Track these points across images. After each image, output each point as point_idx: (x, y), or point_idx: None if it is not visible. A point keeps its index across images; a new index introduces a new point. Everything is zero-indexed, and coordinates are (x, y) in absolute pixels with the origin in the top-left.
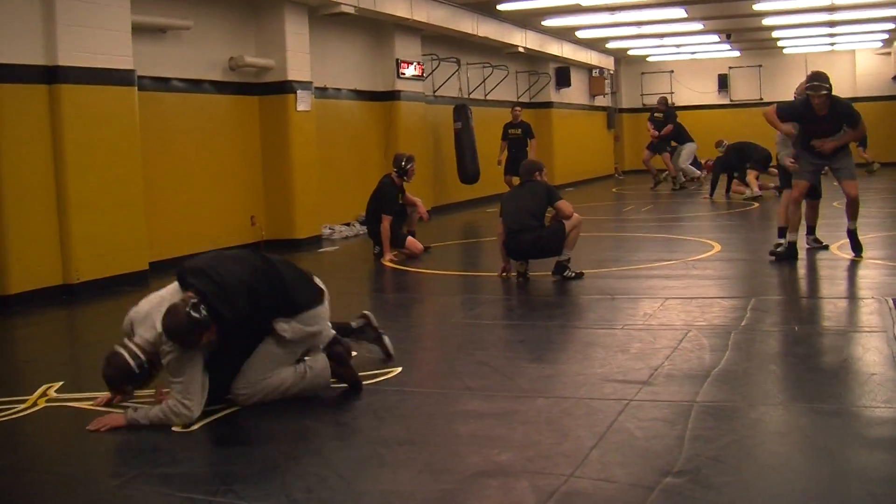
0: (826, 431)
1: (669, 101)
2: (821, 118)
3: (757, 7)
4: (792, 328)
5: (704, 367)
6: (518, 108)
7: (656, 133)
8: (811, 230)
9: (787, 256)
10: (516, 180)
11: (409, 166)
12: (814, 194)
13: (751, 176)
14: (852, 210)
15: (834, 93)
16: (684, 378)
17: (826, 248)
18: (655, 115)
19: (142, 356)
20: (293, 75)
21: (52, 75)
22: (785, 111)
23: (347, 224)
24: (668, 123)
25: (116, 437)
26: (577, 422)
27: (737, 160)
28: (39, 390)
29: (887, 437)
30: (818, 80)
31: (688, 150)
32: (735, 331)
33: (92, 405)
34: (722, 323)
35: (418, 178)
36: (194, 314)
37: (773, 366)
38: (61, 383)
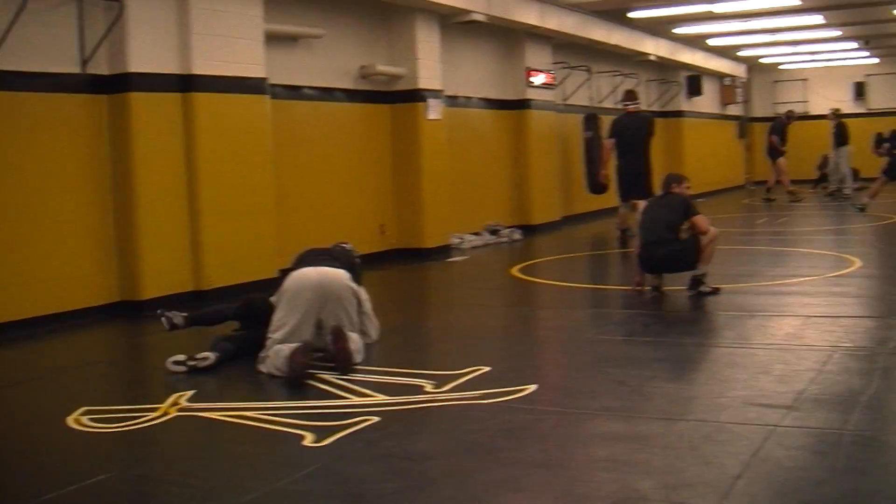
0: None
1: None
2: None
3: None
4: None
5: (853, 393)
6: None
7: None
8: None
9: None
10: None
11: None
12: None
13: None
14: None
15: None
16: (832, 404)
17: None
18: None
19: None
20: (424, 84)
21: (186, 84)
22: None
23: (477, 233)
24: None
25: (247, 448)
26: (721, 448)
27: None
28: (171, 399)
29: None
30: None
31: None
32: (883, 353)
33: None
34: (868, 344)
35: (547, 187)
36: None
37: None
38: (193, 392)
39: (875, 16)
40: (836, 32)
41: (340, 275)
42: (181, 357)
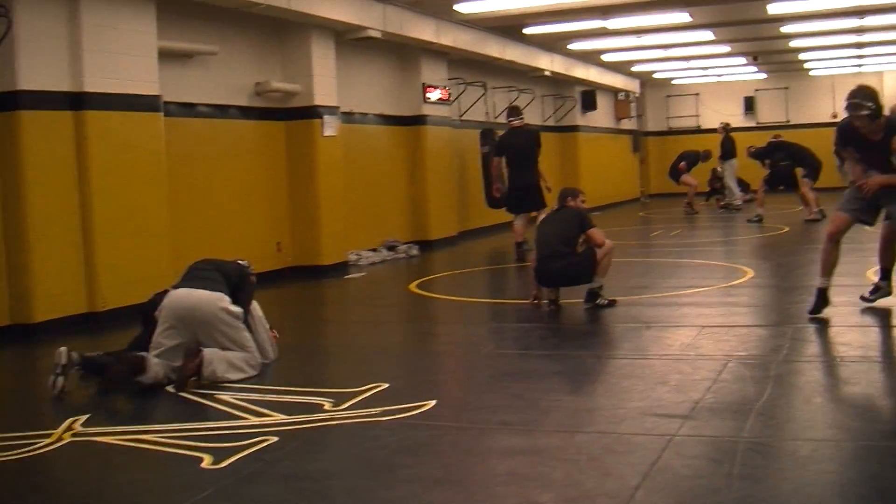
0: (886, 472)
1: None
2: (872, 145)
3: (784, 29)
4: (838, 359)
5: (748, 401)
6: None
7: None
8: (885, 273)
9: (814, 308)
10: None
11: None
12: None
13: (806, 188)
14: None
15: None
16: (727, 412)
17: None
18: None
19: None
20: (319, 100)
21: (77, 102)
22: (838, 139)
23: (374, 250)
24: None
25: (144, 473)
26: (620, 459)
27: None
28: (64, 424)
29: None
30: (857, 98)
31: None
32: (776, 361)
33: None
34: (761, 353)
35: (444, 203)
36: None
37: (819, 399)
38: (87, 416)
39: (763, 33)
40: (726, 48)
41: (213, 299)
42: (52, 376)
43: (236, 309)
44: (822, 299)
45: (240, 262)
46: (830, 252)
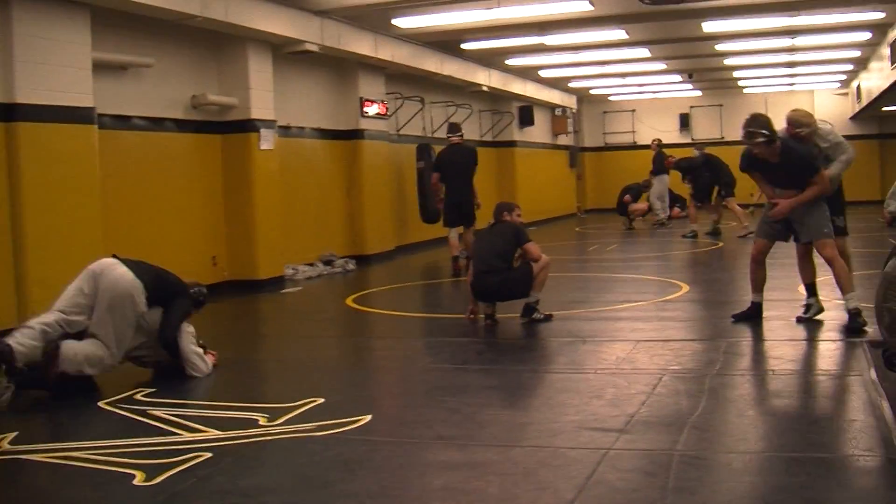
0: (814, 483)
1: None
2: (774, 166)
3: (719, 47)
4: (769, 371)
5: (682, 414)
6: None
7: None
8: (810, 290)
9: (747, 317)
10: None
11: None
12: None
13: (731, 204)
14: (840, 278)
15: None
16: (662, 425)
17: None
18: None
19: None
20: (256, 114)
21: (9, 113)
22: (742, 163)
23: (311, 264)
24: None
25: (74, 491)
26: (555, 473)
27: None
28: None
29: (873, 486)
30: (752, 127)
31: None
32: (710, 375)
33: None
34: (696, 367)
35: (381, 217)
36: None
37: (752, 412)
38: (15, 434)
39: (698, 50)
40: (662, 66)
41: (131, 280)
42: None
43: (142, 307)
44: (753, 313)
45: (194, 285)
46: (756, 272)
